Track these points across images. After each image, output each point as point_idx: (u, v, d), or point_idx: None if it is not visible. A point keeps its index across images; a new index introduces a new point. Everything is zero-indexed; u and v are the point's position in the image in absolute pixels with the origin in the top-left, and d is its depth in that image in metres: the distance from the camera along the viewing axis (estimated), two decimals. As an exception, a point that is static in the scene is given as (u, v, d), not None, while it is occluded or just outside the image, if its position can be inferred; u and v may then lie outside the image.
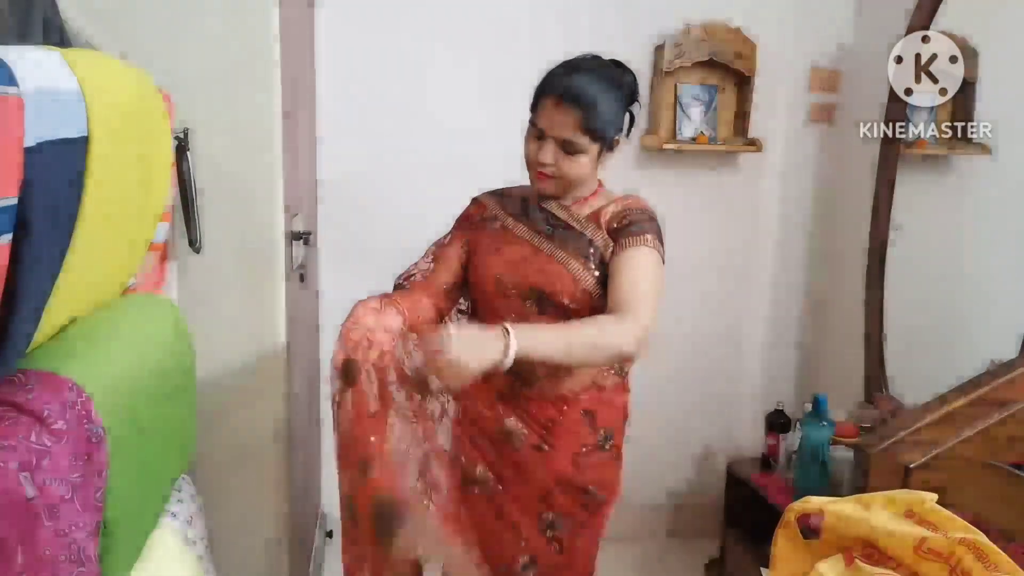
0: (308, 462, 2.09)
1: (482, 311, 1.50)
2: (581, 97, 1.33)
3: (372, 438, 1.32)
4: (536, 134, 1.40)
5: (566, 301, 1.39)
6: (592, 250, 1.41)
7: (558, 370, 1.42)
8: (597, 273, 1.40)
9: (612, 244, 1.40)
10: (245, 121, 1.42)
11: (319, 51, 2.28)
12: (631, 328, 1.29)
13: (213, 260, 1.44)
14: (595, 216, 1.44)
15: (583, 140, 1.35)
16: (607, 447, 1.47)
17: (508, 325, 1.21)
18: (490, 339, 1.18)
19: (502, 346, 1.17)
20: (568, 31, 2.37)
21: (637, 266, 1.37)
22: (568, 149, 1.36)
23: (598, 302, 1.40)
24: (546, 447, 1.43)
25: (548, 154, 1.37)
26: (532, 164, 1.41)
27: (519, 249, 1.44)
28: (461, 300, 1.58)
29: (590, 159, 1.38)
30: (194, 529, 1.23)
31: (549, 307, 1.41)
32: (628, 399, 1.53)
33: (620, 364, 1.48)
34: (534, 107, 1.40)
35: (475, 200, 1.58)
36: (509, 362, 1.18)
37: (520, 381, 1.43)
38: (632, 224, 1.40)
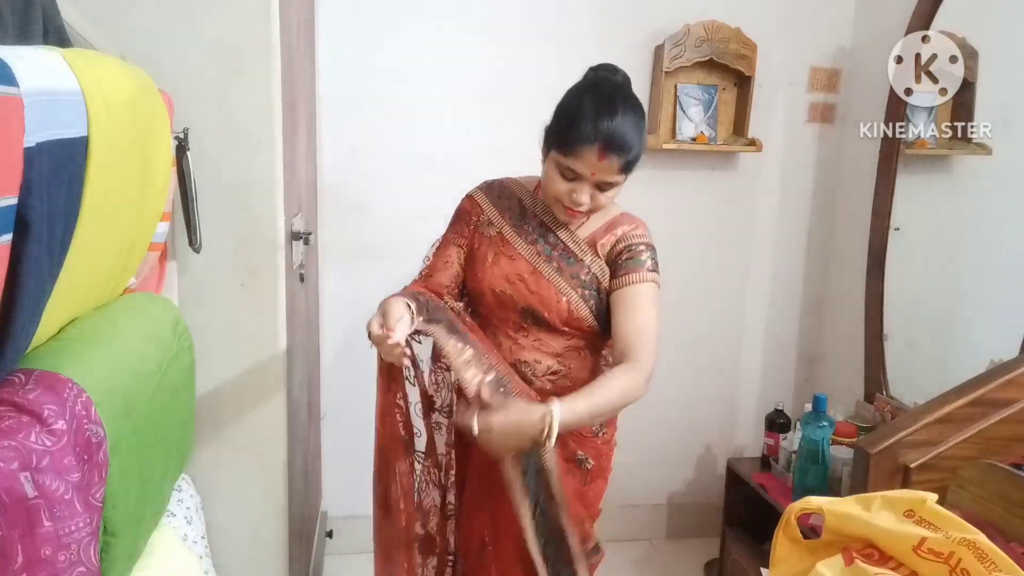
0: (308, 461, 2.09)
1: (481, 316, 1.52)
2: (625, 144, 1.30)
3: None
4: (568, 175, 1.34)
5: (558, 324, 1.44)
6: (588, 278, 1.44)
7: (556, 371, 1.46)
8: (592, 302, 1.44)
9: (609, 272, 1.43)
10: (245, 121, 1.42)
11: (319, 51, 2.28)
12: (643, 374, 1.35)
13: (213, 260, 1.44)
14: (592, 241, 1.46)
15: (621, 177, 1.35)
16: (601, 434, 1.52)
17: (553, 410, 1.20)
18: (532, 426, 1.19)
19: (544, 432, 1.20)
20: (568, 31, 2.38)
21: (640, 304, 1.40)
22: (605, 188, 1.35)
23: (589, 326, 1.45)
24: None
25: (585, 195, 1.34)
26: (561, 200, 1.38)
27: (518, 266, 1.45)
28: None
29: (620, 187, 1.39)
30: (194, 529, 1.23)
31: (544, 324, 1.45)
32: None
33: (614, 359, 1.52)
34: (566, 150, 1.32)
35: (470, 196, 1.55)
36: (551, 443, 1.22)
37: (524, 379, 1.46)
38: (632, 258, 1.43)
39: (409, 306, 1.36)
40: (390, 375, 1.46)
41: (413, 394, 1.50)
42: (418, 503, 1.54)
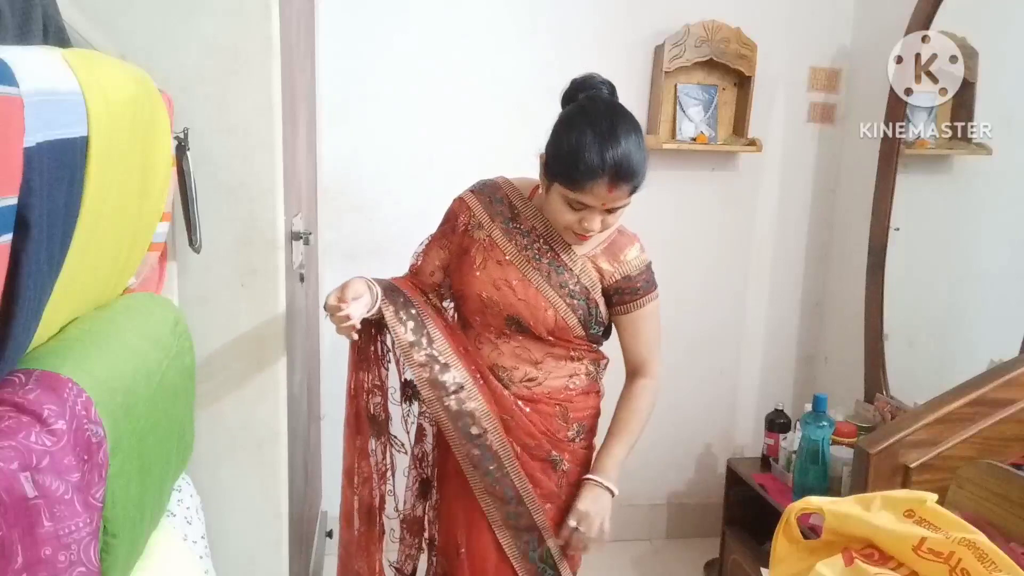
0: (308, 461, 2.09)
1: (465, 318, 1.53)
2: (632, 171, 1.27)
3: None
4: (576, 207, 1.32)
5: (543, 334, 1.44)
6: (577, 288, 1.44)
7: (533, 378, 1.47)
8: (580, 312, 1.44)
9: (600, 287, 1.45)
10: (245, 121, 1.42)
11: (319, 51, 2.28)
12: (657, 381, 1.54)
13: (213, 260, 1.43)
14: (590, 259, 1.45)
15: (630, 199, 1.34)
16: (579, 439, 1.51)
17: (606, 483, 1.46)
18: (607, 501, 1.46)
19: (610, 500, 1.46)
20: (568, 31, 2.38)
21: (646, 321, 1.49)
22: (614, 211, 1.34)
23: (577, 335, 1.46)
24: (521, 418, 1.46)
25: (596, 222, 1.33)
26: (571, 229, 1.36)
27: (507, 272, 1.44)
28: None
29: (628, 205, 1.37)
30: (194, 529, 1.23)
31: (528, 332, 1.45)
32: (600, 401, 1.57)
33: (595, 369, 1.54)
34: (573, 186, 1.29)
35: (460, 199, 1.53)
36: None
37: (500, 383, 1.47)
38: (635, 286, 1.46)
39: (371, 287, 1.40)
40: (359, 355, 1.52)
41: (393, 380, 1.55)
42: (393, 486, 1.59)
